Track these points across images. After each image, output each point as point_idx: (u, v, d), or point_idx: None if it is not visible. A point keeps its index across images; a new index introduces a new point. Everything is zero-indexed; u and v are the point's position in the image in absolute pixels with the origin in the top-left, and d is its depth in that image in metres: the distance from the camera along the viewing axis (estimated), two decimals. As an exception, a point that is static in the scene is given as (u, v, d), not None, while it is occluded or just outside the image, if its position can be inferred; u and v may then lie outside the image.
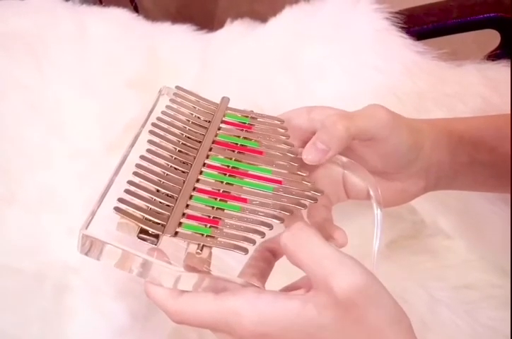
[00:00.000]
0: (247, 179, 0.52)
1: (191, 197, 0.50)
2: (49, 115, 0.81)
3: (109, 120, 0.81)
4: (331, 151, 0.53)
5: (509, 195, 0.73)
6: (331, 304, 0.44)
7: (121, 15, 0.90)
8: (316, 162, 0.53)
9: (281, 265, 0.53)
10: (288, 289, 0.49)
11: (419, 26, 0.87)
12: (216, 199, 0.50)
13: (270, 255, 0.53)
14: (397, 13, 0.85)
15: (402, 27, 0.84)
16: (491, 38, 0.89)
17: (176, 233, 0.47)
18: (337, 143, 0.53)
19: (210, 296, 0.46)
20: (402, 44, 0.84)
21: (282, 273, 0.52)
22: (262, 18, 0.88)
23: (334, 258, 0.45)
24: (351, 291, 0.43)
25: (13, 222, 0.73)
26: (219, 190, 0.50)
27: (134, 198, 0.48)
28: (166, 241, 0.47)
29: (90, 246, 0.47)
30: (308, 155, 0.53)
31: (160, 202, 0.48)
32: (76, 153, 0.78)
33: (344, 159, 0.57)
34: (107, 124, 0.81)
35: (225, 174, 0.52)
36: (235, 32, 0.88)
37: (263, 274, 0.52)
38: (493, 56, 0.86)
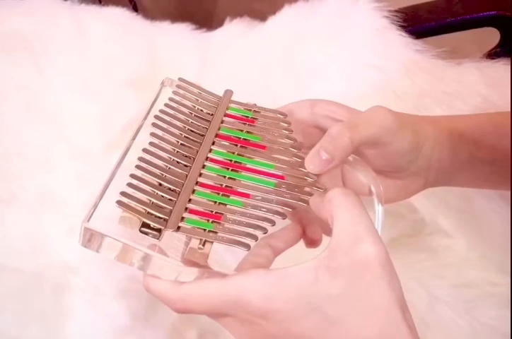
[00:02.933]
0: (249, 174, 0.52)
1: (193, 191, 0.49)
2: (48, 115, 0.81)
3: (108, 119, 0.81)
4: (334, 161, 0.52)
5: (508, 193, 0.73)
6: (345, 265, 0.44)
7: (120, 14, 0.91)
8: (318, 172, 0.53)
9: (279, 263, 0.53)
10: None
11: (418, 24, 0.87)
12: (218, 194, 0.50)
13: (270, 251, 0.53)
14: (396, 11, 0.85)
15: (401, 26, 0.85)
16: (491, 36, 0.89)
17: (178, 228, 0.47)
18: (341, 153, 0.52)
19: (216, 278, 0.46)
20: (401, 43, 0.84)
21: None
22: (261, 16, 0.89)
23: (370, 227, 0.45)
24: (373, 258, 0.44)
25: (13, 223, 0.73)
26: (222, 185, 0.50)
27: (137, 192, 0.48)
28: (168, 234, 0.47)
29: (91, 239, 0.46)
30: (310, 165, 0.53)
31: (163, 196, 0.48)
32: (76, 153, 0.78)
33: None
34: (107, 124, 0.81)
35: (227, 169, 0.52)
36: (234, 30, 0.89)
37: None
38: (493, 55, 0.86)
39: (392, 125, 0.55)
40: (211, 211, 0.48)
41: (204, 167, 0.51)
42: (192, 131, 0.54)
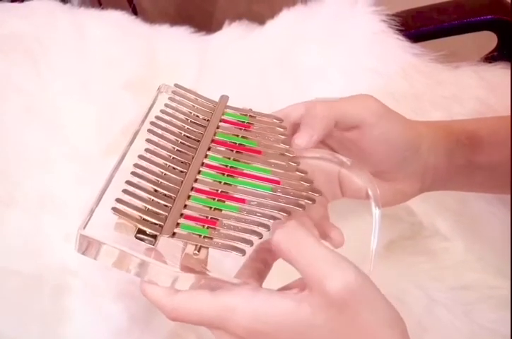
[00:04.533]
0: (245, 179, 0.52)
1: (189, 197, 0.50)
2: (47, 118, 0.81)
3: (107, 122, 0.81)
4: (315, 133, 0.53)
5: (507, 196, 0.73)
6: (325, 304, 0.44)
7: (120, 17, 0.90)
8: (304, 146, 0.54)
9: (279, 267, 0.53)
10: (284, 289, 0.49)
11: (416, 28, 0.87)
12: (214, 199, 0.50)
13: (268, 256, 0.53)
14: (394, 15, 0.85)
15: (399, 30, 0.85)
16: (488, 40, 0.90)
17: (174, 234, 0.47)
18: (319, 124, 0.53)
19: (206, 293, 0.46)
20: (399, 47, 0.84)
21: (279, 275, 0.52)
22: (261, 18, 0.89)
23: (328, 259, 0.45)
24: (345, 292, 0.43)
25: (12, 225, 0.73)
26: (217, 190, 0.50)
27: (132, 198, 0.48)
28: (164, 240, 0.47)
29: (88, 246, 0.47)
30: (295, 139, 0.54)
31: (158, 202, 0.48)
32: (75, 156, 0.78)
33: (345, 158, 0.57)
34: (106, 127, 0.81)
35: (223, 174, 0.52)
36: (233, 34, 0.89)
37: (260, 275, 0.52)
38: (490, 58, 0.87)
39: (376, 108, 0.56)
40: (207, 217, 0.48)
41: (199, 172, 0.52)
42: (187, 136, 0.54)
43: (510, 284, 0.72)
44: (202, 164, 0.52)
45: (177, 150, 0.53)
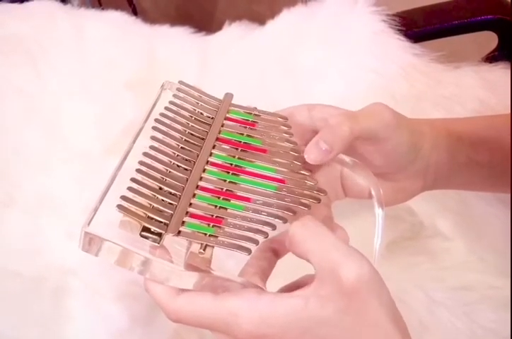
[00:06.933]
0: (250, 178, 0.51)
1: (194, 195, 0.49)
2: (47, 118, 0.81)
3: (107, 123, 0.81)
4: (334, 151, 0.52)
5: (507, 197, 0.73)
6: (335, 293, 0.44)
7: (120, 17, 0.90)
8: (318, 162, 0.53)
9: (281, 268, 0.53)
10: (289, 287, 0.49)
11: (416, 28, 0.87)
12: (219, 198, 0.49)
13: (272, 254, 0.53)
14: (394, 15, 0.86)
15: (399, 30, 0.85)
16: (489, 40, 0.90)
17: (179, 232, 0.47)
18: (340, 143, 0.53)
19: (209, 296, 0.46)
20: (400, 47, 0.84)
21: (282, 277, 0.52)
22: (261, 18, 0.89)
23: (343, 249, 0.45)
24: (358, 282, 0.44)
25: (12, 225, 0.72)
26: (222, 188, 0.50)
27: (137, 196, 0.47)
28: (168, 238, 0.47)
29: (91, 243, 0.46)
30: (311, 155, 0.53)
31: (163, 200, 0.48)
32: (75, 156, 0.78)
33: (347, 158, 0.57)
34: (106, 127, 0.81)
35: (228, 173, 0.52)
36: (234, 34, 0.89)
37: (264, 273, 0.51)
38: (491, 58, 0.87)
39: (391, 120, 0.55)
40: (212, 215, 0.48)
41: (204, 170, 0.51)
42: (192, 134, 0.54)
43: (511, 284, 0.72)
44: (207, 162, 0.52)
45: (182, 147, 0.53)
